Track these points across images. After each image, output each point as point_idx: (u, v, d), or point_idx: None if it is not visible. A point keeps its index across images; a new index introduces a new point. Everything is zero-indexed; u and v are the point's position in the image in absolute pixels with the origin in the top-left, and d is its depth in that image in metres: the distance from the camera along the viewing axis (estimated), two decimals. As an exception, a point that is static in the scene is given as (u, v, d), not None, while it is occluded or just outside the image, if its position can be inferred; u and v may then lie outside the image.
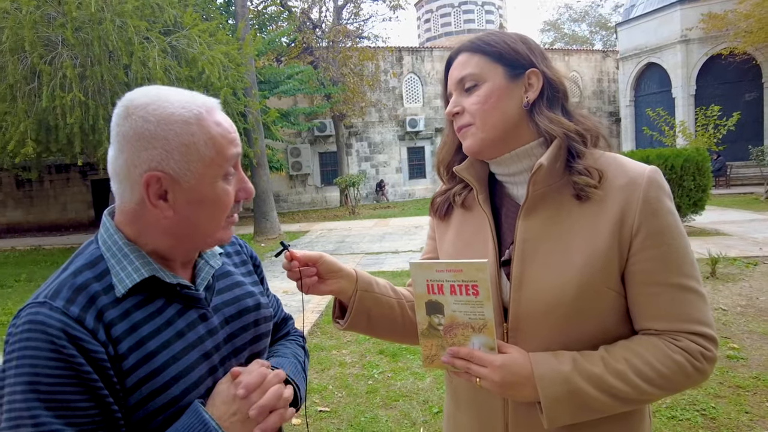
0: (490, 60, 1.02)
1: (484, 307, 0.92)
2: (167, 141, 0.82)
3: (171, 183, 0.83)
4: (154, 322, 0.85)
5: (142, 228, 0.87)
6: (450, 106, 1.06)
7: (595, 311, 0.97)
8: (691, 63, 18.32)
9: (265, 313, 1.05)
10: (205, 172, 0.84)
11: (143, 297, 0.86)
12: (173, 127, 0.82)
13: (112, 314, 0.81)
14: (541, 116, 1.01)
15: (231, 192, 0.88)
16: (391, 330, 1.17)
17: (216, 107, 0.89)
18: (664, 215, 0.96)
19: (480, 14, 31.13)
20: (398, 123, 23.31)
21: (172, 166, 0.82)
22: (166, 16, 7.67)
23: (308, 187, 22.55)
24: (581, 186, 0.98)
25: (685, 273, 0.95)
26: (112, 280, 0.84)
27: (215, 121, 0.86)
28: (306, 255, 1.06)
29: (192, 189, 0.84)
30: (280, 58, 19.67)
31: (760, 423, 3.08)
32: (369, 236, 12.44)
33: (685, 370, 0.93)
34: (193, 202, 0.85)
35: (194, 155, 0.83)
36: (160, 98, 0.84)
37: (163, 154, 0.82)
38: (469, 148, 1.06)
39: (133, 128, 0.82)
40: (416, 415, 3.43)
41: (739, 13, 15.90)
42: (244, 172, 0.94)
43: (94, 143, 7.96)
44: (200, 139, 0.83)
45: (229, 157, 0.87)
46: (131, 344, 0.81)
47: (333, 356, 4.57)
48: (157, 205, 0.83)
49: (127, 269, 0.85)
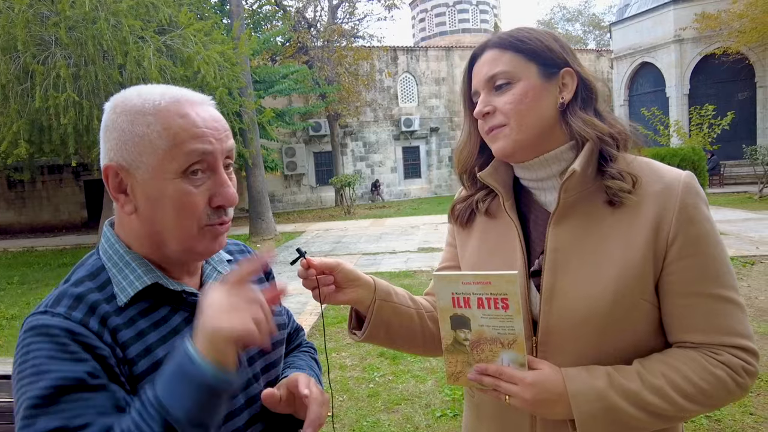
0: (523, 58, 0.97)
1: (514, 322, 0.88)
2: (123, 131, 0.79)
3: (127, 175, 0.81)
4: (159, 330, 0.82)
5: (126, 230, 0.86)
6: (480, 106, 1.00)
7: (629, 323, 0.93)
8: (684, 62, 18.38)
9: (278, 321, 1.02)
10: (159, 166, 0.79)
11: (148, 305, 0.83)
12: (130, 117, 0.79)
13: (117, 321, 0.79)
14: (575, 118, 0.97)
15: (195, 193, 0.80)
16: (411, 342, 1.13)
17: (192, 101, 0.82)
18: (702, 222, 0.92)
19: (475, 14, 31.14)
20: (393, 122, 23.27)
21: (125, 156, 0.80)
22: (161, 16, 7.59)
23: (303, 187, 22.48)
24: (614, 191, 0.94)
25: (723, 283, 0.92)
26: (114, 289, 0.81)
27: (179, 113, 0.79)
28: (323, 262, 1.01)
29: (147, 184, 0.80)
30: (274, 58, 19.58)
31: (765, 425, 3.07)
32: (365, 236, 12.40)
33: (726, 386, 0.89)
34: (150, 199, 0.80)
35: (147, 146, 0.79)
36: (139, 92, 0.82)
37: (119, 144, 0.80)
38: (502, 150, 1.00)
39: (104, 121, 0.82)
40: (419, 419, 3.40)
41: (732, 13, 15.97)
42: (238, 173, 0.88)
43: (88, 144, 7.88)
44: (154, 130, 0.78)
45: (188, 152, 0.79)
46: (139, 350, 0.78)
47: (333, 359, 4.53)
48: (118, 198, 0.82)
49: (129, 277, 0.82)
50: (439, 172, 24.20)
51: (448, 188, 24.11)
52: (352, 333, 1.12)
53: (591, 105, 1.00)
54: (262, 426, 0.93)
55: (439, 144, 24.07)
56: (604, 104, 1.02)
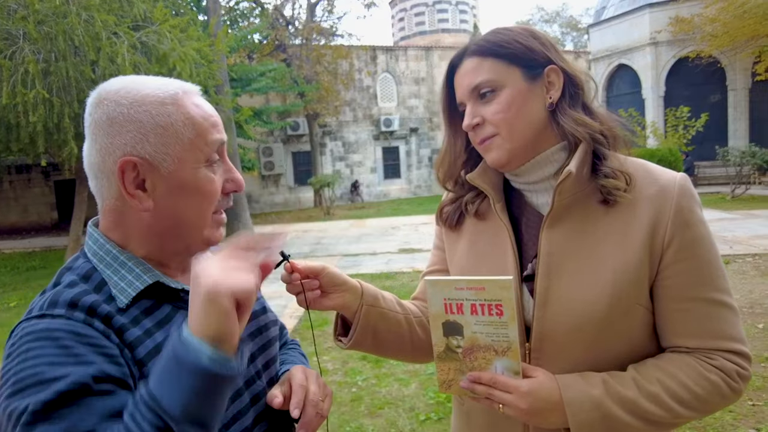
0: (504, 63, 0.94)
1: (508, 329, 0.85)
2: (141, 123, 0.76)
3: (148, 169, 0.77)
4: (164, 330, 0.78)
5: (128, 229, 0.81)
6: (468, 119, 0.97)
7: (624, 328, 0.91)
8: (660, 65, 18.74)
9: (271, 317, 1.00)
10: (185, 156, 0.78)
11: (150, 304, 0.79)
12: (147, 108, 0.76)
13: (122, 320, 0.74)
14: (566, 117, 0.94)
15: (216, 180, 0.82)
16: (399, 348, 1.08)
17: (195, 91, 0.83)
18: (697, 225, 0.91)
19: (454, 14, 31.28)
20: (373, 122, 23.22)
21: (148, 149, 0.76)
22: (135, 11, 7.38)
23: (281, 188, 22.26)
24: (609, 189, 0.91)
25: (718, 287, 0.91)
26: (112, 291, 0.77)
27: (194, 103, 0.80)
28: (308, 266, 0.95)
29: (172, 175, 0.77)
30: (252, 56, 19.35)
31: (744, 422, 3.10)
32: (345, 238, 12.32)
33: (720, 391, 0.88)
34: (174, 191, 0.78)
35: (172, 137, 0.77)
36: (135, 82, 0.79)
37: (137, 138, 0.76)
38: (496, 161, 0.97)
39: (105, 114, 0.76)
40: (403, 423, 3.34)
41: (705, 17, 16.33)
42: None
43: (59, 143, 7.60)
44: (177, 120, 0.77)
45: (211, 142, 0.80)
46: (149, 349, 0.74)
47: (314, 363, 4.43)
48: (134, 195, 0.77)
49: (127, 278, 0.78)
50: (418, 172, 24.23)
51: (428, 189, 24.16)
52: (337, 340, 1.07)
53: (579, 100, 0.97)
54: (267, 425, 0.91)
55: (419, 144, 24.11)
56: (591, 98, 0.99)
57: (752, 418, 3.15)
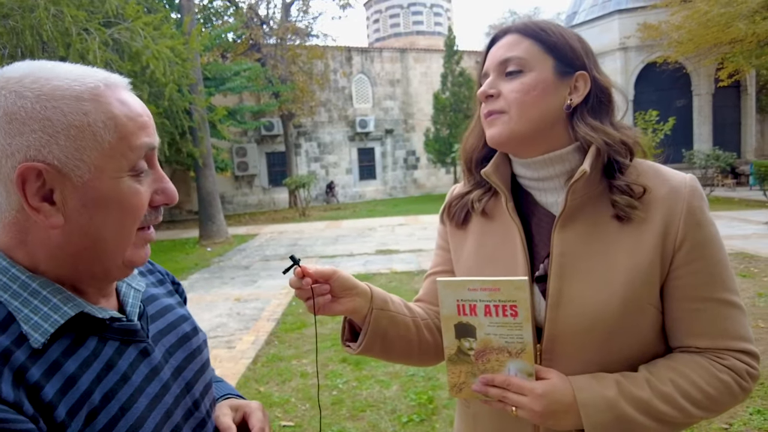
0: (542, 48, 0.93)
1: (522, 330, 0.84)
2: (50, 122, 0.62)
3: (57, 178, 0.64)
4: (92, 369, 0.66)
5: (33, 249, 0.67)
6: (485, 87, 0.96)
7: (636, 329, 0.91)
8: (629, 69, 19.21)
9: (203, 337, 0.92)
10: (104, 164, 0.65)
11: (71, 340, 0.67)
12: (58, 104, 0.63)
13: (36, 373, 0.61)
14: (581, 123, 0.94)
15: (142, 192, 0.70)
16: (407, 353, 1.06)
17: (122, 84, 0.70)
18: (708, 226, 0.92)
19: (429, 16, 31.44)
20: (348, 123, 23.16)
21: (57, 154, 0.63)
22: (107, 7, 7.16)
23: (255, 188, 21.99)
24: (622, 206, 0.91)
25: (728, 287, 0.91)
26: (22, 328, 0.63)
27: (119, 99, 0.68)
28: (319, 271, 0.93)
29: (87, 186, 0.65)
30: (225, 55, 19.07)
31: (717, 417, 3.18)
32: (322, 239, 12.24)
33: (731, 390, 0.89)
34: (89, 205, 0.65)
35: (88, 140, 0.64)
36: (43, 70, 0.65)
37: (44, 139, 0.62)
38: (495, 137, 0.96)
39: (2, 107, 0.62)
40: (385, 425, 3.33)
41: (671, 24, 16.82)
42: (187, 173, 0.76)
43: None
44: (97, 120, 0.65)
45: (137, 147, 0.68)
46: (70, 405, 0.62)
47: (294, 366, 4.39)
48: (39, 209, 0.63)
49: (42, 310, 0.65)
50: (394, 173, 24.26)
51: (403, 190, 24.22)
52: (345, 345, 1.04)
53: (603, 112, 0.96)
54: None
55: (394, 146, 24.14)
56: (618, 113, 0.99)
57: (724, 414, 3.24)
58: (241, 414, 0.88)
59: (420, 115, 24.00)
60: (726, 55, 16.52)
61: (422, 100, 23.93)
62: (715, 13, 14.69)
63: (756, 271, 6.65)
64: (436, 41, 28.54)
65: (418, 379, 3.97)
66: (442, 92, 20.96)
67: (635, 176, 0.94)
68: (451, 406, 3.51)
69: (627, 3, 19.29)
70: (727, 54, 16.42)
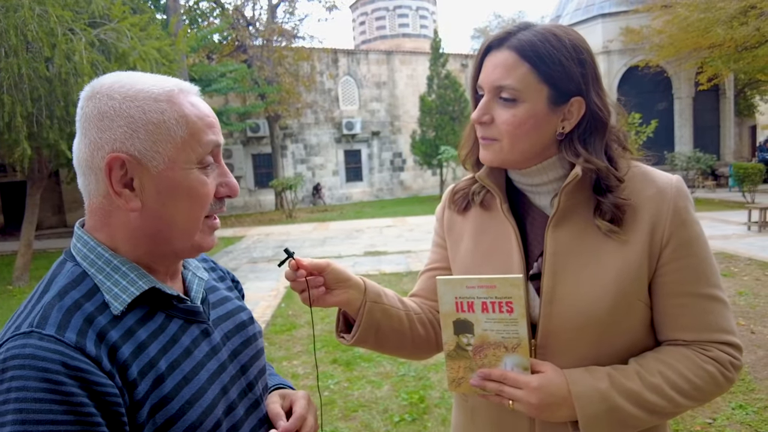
0: (537, 77, 0.92)
1: (518, 325, 0.89)
2: (132, 118, 0.73)
3: (137, 167, 0.74)
4: (159, 340, 0.76)
5: (114, 231, 0.78)
6: (478, 113, 0.97)
7: (627, 324, 0.96)
8: (612, 72, 19.50)
9: (258, 328, 0.99)
10: (177, 156, 0.75)
11: (144, 312, 0.77)
12: (140, 104, 0.74)
13: (114, 335, 0.71)
14: (568, 149, 0.97)
15: (209, 184, 0.79)
16: (400, 345, 1.10)
17: (193, 90, 0.81)
18: (693, 225, 0.97)
19: (414, 19, 31.59)
20: (334, 125, 23.15)
21: (138, 146, 0.74)
22: (93, 7, 7.08)
23: (241, 190, 21.74)
24: (606, 230, 0.95)
25: (712, 282, 0.97)
26: (105, 297, 0.74)
27: (190, 102, 0.78)
28: (313, 263, 0.97)
29: (161, 176, 0.75)
30: (211, 56, 18.96)
31: (701, 412, 3.27)
32: (309, 241, 12.22)
33: (716, 380, 0.94)
34: (163, 192, 0.75)
35: (163, 135, 0.74)
36: (130, 77, 0.77)
37: (127, 133, 0.73)
38: (487, 161, 1.01)
39: (96, 107, 0.74)
40: (377, 425, 3.36)
41: (653, 29, 17.12)
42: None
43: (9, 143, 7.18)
44: (170, 117, 0.75)
45: (205, 143, 0.78)
46: (141, 367, 0.72)
47: (284, 368, 4.40)
48: (121, 193, 0.74)
49: (121, 283, 0.75)
50: (380, 175, 24.30)
51: (390, 192, 24.26)
52: (340, 337, 1.09)
53: (597, 135, 0.97)
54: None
55: (381, 148, 24.19)
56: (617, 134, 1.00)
57: (708, 408, 3.33)
58: (289, 402, 0.93)
59: (406, 117, 24.08)
60: (705, 60, 16.87)
61: (408, 102, 24.02)
62: (695, 18, 14.99)
63: (736, 270, 6.82)
64: (421, 44, 28.69)
65: (409, 379, 4.01)
66: (428, 94, 21.05)
67: (620, 193, 0.96)
68: (443, 405, 3.56)
69: (610, 7, 19.59)
70: (706, 58, 16.76)
